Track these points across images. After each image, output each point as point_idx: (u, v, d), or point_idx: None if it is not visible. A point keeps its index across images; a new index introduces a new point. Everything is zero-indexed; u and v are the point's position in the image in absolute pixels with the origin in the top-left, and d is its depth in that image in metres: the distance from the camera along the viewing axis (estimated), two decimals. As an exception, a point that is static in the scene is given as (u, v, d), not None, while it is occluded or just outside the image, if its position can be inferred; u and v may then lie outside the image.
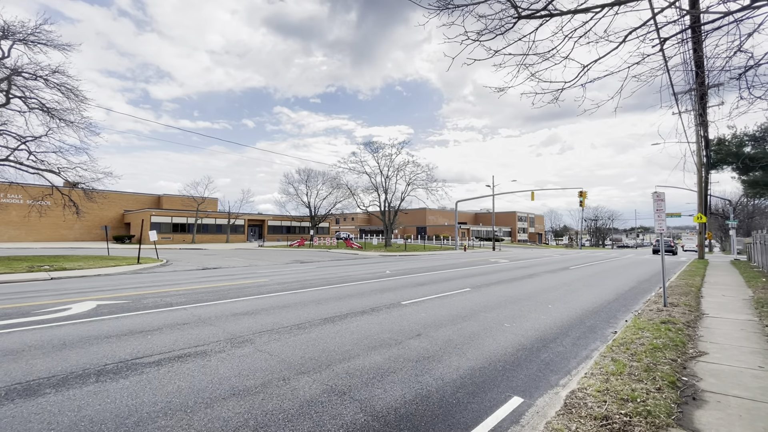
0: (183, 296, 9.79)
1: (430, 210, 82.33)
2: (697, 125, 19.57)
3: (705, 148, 24.60)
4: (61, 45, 18.98)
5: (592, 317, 8.11)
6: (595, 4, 4.04)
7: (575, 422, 3.36)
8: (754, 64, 4.48)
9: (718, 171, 26.37)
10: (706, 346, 5.79)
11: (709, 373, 4.62)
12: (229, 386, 4.16)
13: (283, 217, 61.34)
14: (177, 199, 55.68)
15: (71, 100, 19.69)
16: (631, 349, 5.35)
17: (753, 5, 3.60)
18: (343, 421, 3.45)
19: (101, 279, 13.82)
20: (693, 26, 4.81)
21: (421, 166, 43.41)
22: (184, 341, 5.80)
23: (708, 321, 7.49)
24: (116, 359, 4.95)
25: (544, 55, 4.74)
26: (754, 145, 20.37)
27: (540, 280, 14.59)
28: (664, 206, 9.20)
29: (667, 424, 3.33)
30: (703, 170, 26.42)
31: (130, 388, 4.08)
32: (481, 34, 4.29)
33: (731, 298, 10.32)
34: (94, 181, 21.34)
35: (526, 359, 5.30)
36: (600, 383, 4.15)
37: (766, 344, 5.89)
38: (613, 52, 4.72)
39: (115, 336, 6.03)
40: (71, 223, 43.72)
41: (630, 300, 10.40)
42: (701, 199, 27.51)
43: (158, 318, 7.32)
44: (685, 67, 8.12)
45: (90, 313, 7.70)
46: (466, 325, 7.06)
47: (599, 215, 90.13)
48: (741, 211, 55.93)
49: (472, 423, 3.51)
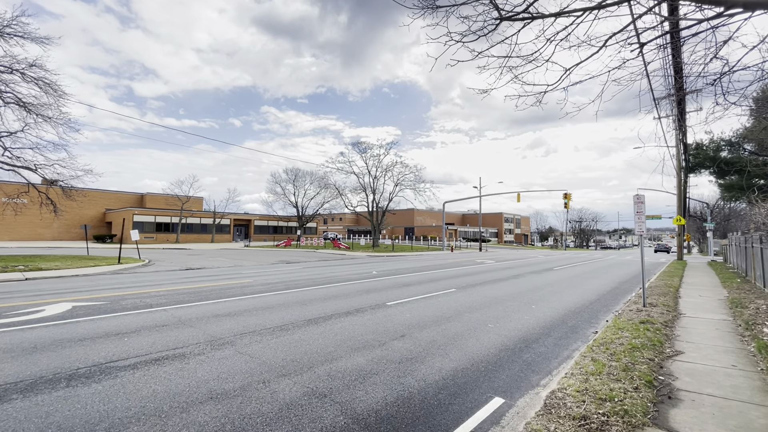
0: (164, 297, 9.57)
1: (418, 211, 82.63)
2: (676, 129, 20.13)
3: (684, 152, 25.31)
4: (39, 38, 18.37)
5: (574, 317, 8.23)
6: (577, 8, 4.09)
7: (554, 423, 3.39)
8: (728, 71, 4.60)
9: (697, 174, 27.17)
10: (682, 345, 5.92)
11: (684, 372, 4.72)
12: (207, 390, 4.06)
13: (269, 217, 60.71)
14: (161, 197, 54.59)
15: (49, 95, 19.07)
16: (611, 349, 5.44)
17: (725, 13, 3.70)
18: (323, 424, 3.40)
19: (79, 280, 13.42)
20: (672, 32, 4.91)
21: (409, 166, 43.55)
22: (162, 344, 5.65)
23: (685, 321, 7.67)
24: (89, 363, 4.79)
25: (527, 58, 4.78)
26: (730, 150, 21.03)
27: (525, 280, 14.76)
28: (644, 208, 9.40)
29: (643, 423, 3.38)
30: (681, 174, 27.16)
31: (102, 392, 3.94)
32: (464, 35, 4.30)
33: (707, 298, 10.61)
34: (74, 178, 20.73)
35: (509, 360, 5.33)
36: (579, 383, 4.20)
37: (739, 343, 6.06)
38: (594, 56, 4.79)
39: (89, 339, 5.84)
40: (49, 222, 42.40)
41: (611, 300, 10.59)
42: (680, 202, 28.28)
43: (136, 320, 7.13)
44: (665, 73, 8.33)
45: (65, 315, 7.46)
46: (451, 326, 7.07)
47: (583, 217, 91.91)
48: (718, 214, 57.70)
49: (452, 424, 3.50)
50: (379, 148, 42.94)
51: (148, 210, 49.23)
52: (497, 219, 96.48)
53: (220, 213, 52.78)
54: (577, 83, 5.17)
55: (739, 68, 4.57)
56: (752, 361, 5.16)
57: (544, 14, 4.07)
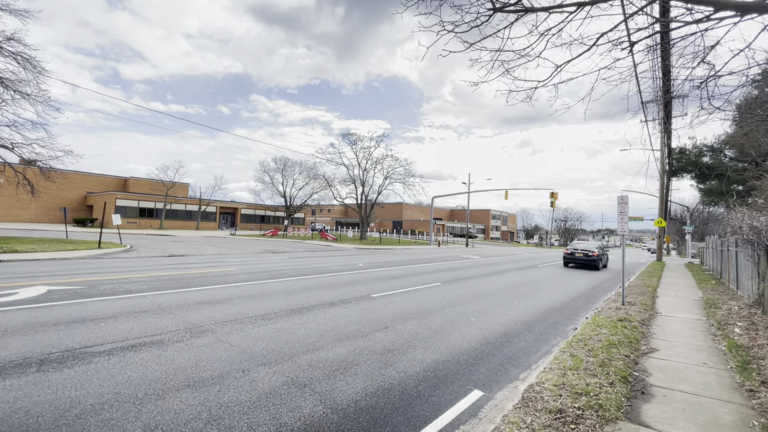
0: (144, 283, 9.37)
1: (406, 205, 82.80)
2: (662, 133, 20.54)
3: (668, 156, 25.85)
4: (18, 11, 17.56)
5: (555, 314, 8.37)
6: (571, 2, 4.07)
7: (530, 415, 3.43)
8: (715, 74, 4.67)
9: (679, 178, 27.85)
10: (657, 343, 6.08)
11: (658, 369, 4.85)
12: (185, 377, 3.99)
13: (257, 206, 59.98)
14: (145, 182, 53.32)
15: (28, 71, 18.31)
16: (589, 345, 5.54)
17: (714, 16, 3.74)
18: (301, 414, 3.38)
19: (56, 263, 13.05)
20: (662, 32, 4.95)
21: (399, 160, 43.39)
22: (140, 330, 5.53)
23: (661, 319, 7.88)
24: (62, 348, 4.66)
25: (519, 52, 4.76)
26: (712, 155, 21.58)
27: (509, 276, 14.95)
28: (627, 209, 9.57)
29: (616, 417, 3.45)
30: (665, 177, 27.76)
31: (74, 378, 3.84)
32: (456, 25, 4.25)
33: (683, 298, 10.92)
34: (53, 159, 20.05)
35: (490, 353, 5.39)
36: (557, 378, 4.27)
37: (711, 342, 6.25)
38: (585, 54, 4.80)
39: (64, 323, 5.68)
40: (26, 204, 41.08)
41: (592, 298, 10.81)
42: (662, 205, 28.94)
43: (114, 305, 6.96)
44: (653, 75, 8.45)
45: (39, 298, 7.24)
46: (434, 319, 7.11)
47: (568, 216, 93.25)
48: (697, 218, 59.38)
49: (431, 416, 3.52)
50: (370, 140, 42.76)
51: (132, 194, 48.06)
52: (485, 215, 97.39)
53: (206, 200, 51.86)
54: (568, 80, 5.19)
55: (724, 73, 4.64)
56: (723, 360, 5.33)
57: (537, 8, 4.04)
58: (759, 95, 10.30)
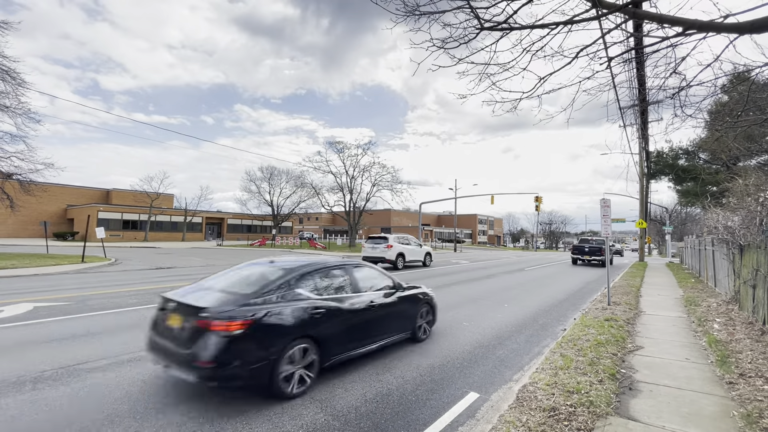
0: (134, 297, 9.24)
1: (394, 211, 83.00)
2: (640, 138, 21.29)
3: (646, 160, 26.77)
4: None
5: (545, 316, 8.58)
6: (552, 21, 4.32)
7: (526, 414, 3.57)
8: (686, 85, 4.98)
9: (657, 180, 28.82)
10: (642, 340, 6.32)
11: (644, 366, 5.06)
12: (187, 388, 4.00)
13: (244, 216, 59.34)
14: (128, 194, 52.24)
15: (7, 83, 17.99)
16: (578, 344, 5.74)
17: (685, 33, 4.03)
18: (303, 422, 3.44)
19: (39, 279, 12.71)
20: (636, 48, 5.26)
21: (386, 167, 43.52)
22: (135, 344, 5.49)
23: (645, 318, 8.17)
24: (56, 365, 4.60)
25: (504, 66, 4.99)
26: (687, 158, 22.44)
27: (498, 280, 15.19)
28: (609, 212, 9.92)
29: (606, 412, 3.62)
30: (644, 179, 28.70)
31: (71, 395, 3.81)
32: (445, 41, 4.45)
33: (665, 297, 11.31)
34: (33, 172, 19.63)
35: (483, 356, 5.53)
36: (549, 377, 4.43)
37: (692, 338, 6.53)
38: (566, 66, 5.05)
39: (56, 340, 5.59)
40: (4, 218, 39.74)
41: (579, 299, 11.09)
42: (642, 206, 29.86)
43: (105, 320, 6.87)
44: (630, 85, 8.85)
45: (26, 315, 7.08)
46: (427, 325, 7.21)
47: (553, 219, 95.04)
48: (675, 218, 61.31)
49: (430, 419, 3.62)
50: (357, 148, 42.91)
51: (115, 207, 47.06)
52: (471, 220, 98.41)
53: (191, 211, 51.08)
54: (551, 92, 5.44)
55: (695, 84, 4.95)
56: (704, 355, 5.59)
57: (522, 25, 4.27)
58: (728, 102, 10.86)
